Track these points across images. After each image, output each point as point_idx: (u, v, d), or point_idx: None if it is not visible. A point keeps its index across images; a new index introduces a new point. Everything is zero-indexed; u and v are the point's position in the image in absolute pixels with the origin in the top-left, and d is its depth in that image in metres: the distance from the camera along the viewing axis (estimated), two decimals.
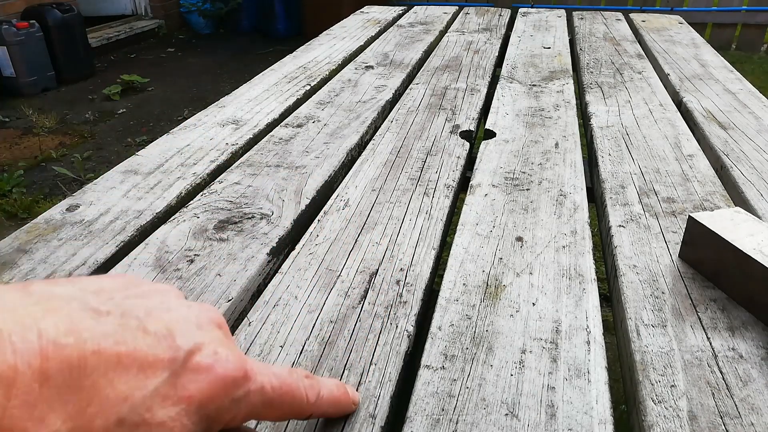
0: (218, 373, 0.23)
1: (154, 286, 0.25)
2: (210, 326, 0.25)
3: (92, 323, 0.21)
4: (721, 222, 0.44)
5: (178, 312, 0.24)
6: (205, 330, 0.24)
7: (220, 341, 0.24)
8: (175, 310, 0.24)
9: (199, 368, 0.22)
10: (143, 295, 0.24)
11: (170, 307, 0.24)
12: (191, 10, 4.57)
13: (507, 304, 0.43)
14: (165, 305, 0.24)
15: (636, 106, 0.85)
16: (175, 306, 0.24)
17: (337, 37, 1.28)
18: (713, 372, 0.37)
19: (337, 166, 0.66)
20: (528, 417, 0.33)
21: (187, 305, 0.25)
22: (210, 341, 0.23)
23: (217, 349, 0.23)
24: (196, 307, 0.25)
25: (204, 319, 0.25)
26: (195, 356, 0.22)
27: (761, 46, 4.02)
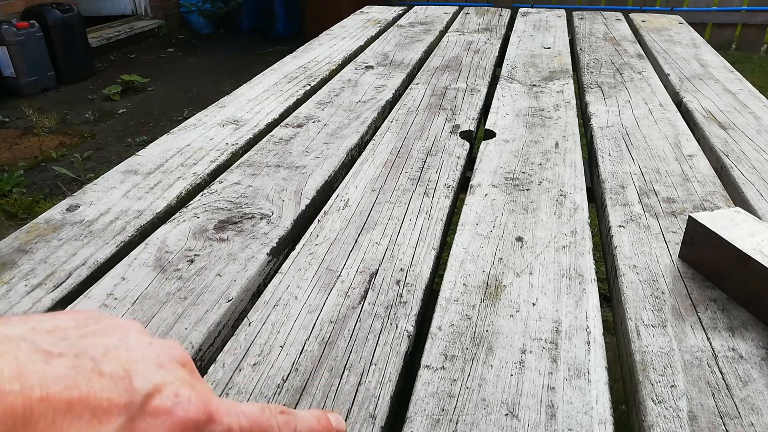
0: (179, 417, 0.21)
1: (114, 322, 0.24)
2: (172, 365, 0.23)
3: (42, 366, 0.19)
4: (721, 222, 0.44)
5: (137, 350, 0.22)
6: (166, 369, 0.22)
7: (182, 381, 0.22)
8: (134, 348, 0.22)
9: (158, 412, 0.21)
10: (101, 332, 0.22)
11: (130, 345, 0.22)
12: (191, 10, 4.57)
13: (507, 304, 0.43)
14: (124, 343, 0.22)
15: (636, 106, 0.85)
16: (135, 344, 0.23)
17: (337, 37, 1.28)
18: (713, 372, 0.37)
19: (337, 166, 0.66)
20: (528, 417, 0.33)
21: (148, 342, 0.23)
22: (171, 382, 0.22)
23: (179, 391, 0.22)
24: (159, 344, 0.24)
25: (166, 357, 0.23)
26: (154, 399, 0.21)
27: (761, 46, 4.02)
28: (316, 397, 0.35)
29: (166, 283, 0.45)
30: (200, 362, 0.39)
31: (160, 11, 4.56)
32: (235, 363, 0.37)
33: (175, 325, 0.41)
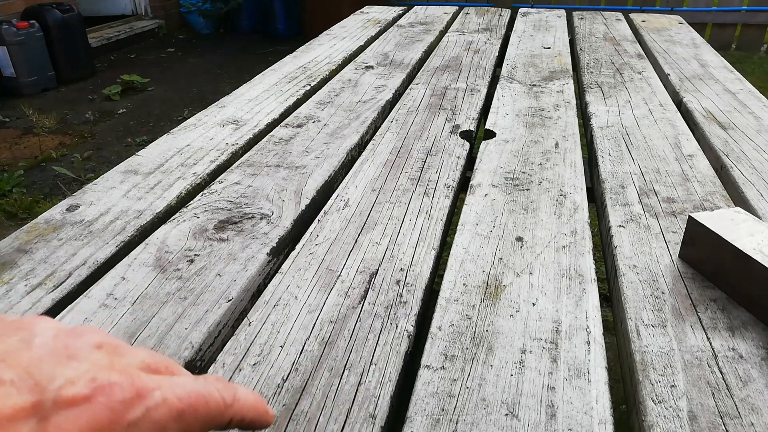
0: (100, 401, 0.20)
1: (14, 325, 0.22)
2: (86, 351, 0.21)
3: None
4: (721, 222, 0.44)
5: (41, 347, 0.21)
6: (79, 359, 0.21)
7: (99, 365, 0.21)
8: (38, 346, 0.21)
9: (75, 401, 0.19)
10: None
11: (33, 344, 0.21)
12: (191, 10, 4.57)
13: (507, 304, 0.43)
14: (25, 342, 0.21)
15: (636, 106, 0.85)
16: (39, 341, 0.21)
17: (337, 37, 1.28)
18: (713, 372, 0.37)
19: (337, 166, 0.66)
20: (528, 417, 0.33)
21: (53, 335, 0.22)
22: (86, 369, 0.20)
23: (96, 375, 0.20)
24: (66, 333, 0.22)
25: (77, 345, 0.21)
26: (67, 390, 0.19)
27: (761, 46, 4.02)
28: (316, 397, 0.35)
29: (166, 283, 0.45)
30: (200, 362, 0.39)
31: (160, 11, 4.56)
32: (235, 363, 0.37)
33: (175, 325, 0.41)
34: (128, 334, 0.40)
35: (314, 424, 0.33)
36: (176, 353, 0.38)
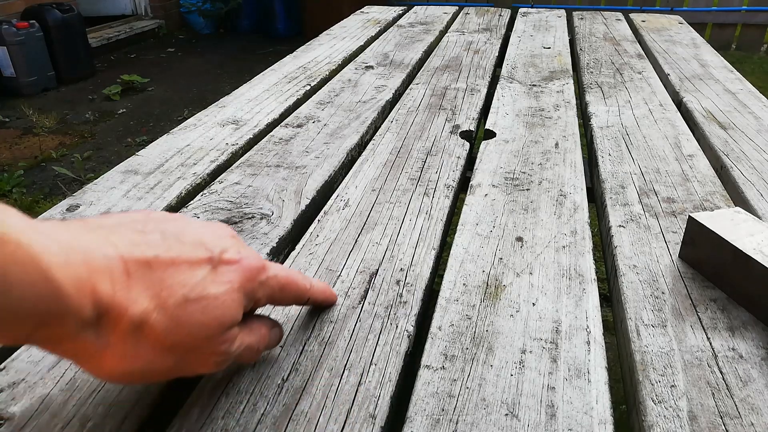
0: (244, 265, 0.31)
1: (171, 216, 0.33)
2: (226, 236, 0.32)
3: (144, 239, 0.29)
4: (721, 222, 0.44)
5: (200, 229, 0.32)
6: (224, 239, 0.32)
7: (238, 245, 0.32)
8: (197, 228, 0.32)
9: (231, 261, 0.31)
10: (167, 221, 0.31)
11: (193, 227, 0.32)
12: (191, 10, 4.57)
13: (507, 304, 0.43)
14: (188, 226, 0.32)
15: (636, 106, 0.85)
16: (194, 226, 0.32)
17: (337, 37, 1.28)
18: (713, 372, 0.37)
19: (337, 166, 0.66)
20: (528, 417, 0.33)
21: (203, 224, 0.33)
22: (232, 245, 0.32)
23: (239, 250, 0.32)
24: (210, 225, 0.33)
25: (221, 233, 0.32)
26: (225, 254, 0.31)
27: (761, 46, 4.02)
28: (316, 397, 0.35)
29: None
30: None
31: (160, 11, 4.56)
32: (236, 363, 0.37)
33: None
34: None
35: (314, 424, 0.33)
36: None
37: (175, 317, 0.28)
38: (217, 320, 0.29)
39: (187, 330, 0.28)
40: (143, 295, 0.27)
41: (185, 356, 0.29)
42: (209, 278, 0.29)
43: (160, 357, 0.28)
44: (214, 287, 0.29)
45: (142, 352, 0.28)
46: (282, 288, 0.34)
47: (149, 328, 0.27)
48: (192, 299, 0.28)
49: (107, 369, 0.28)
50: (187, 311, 0.28)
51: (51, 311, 0.24)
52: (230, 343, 0.31)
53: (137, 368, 0.28)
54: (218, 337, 0.30)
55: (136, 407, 0.34)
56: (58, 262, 0.24)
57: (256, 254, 0.33)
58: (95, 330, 0.26)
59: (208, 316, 0.29)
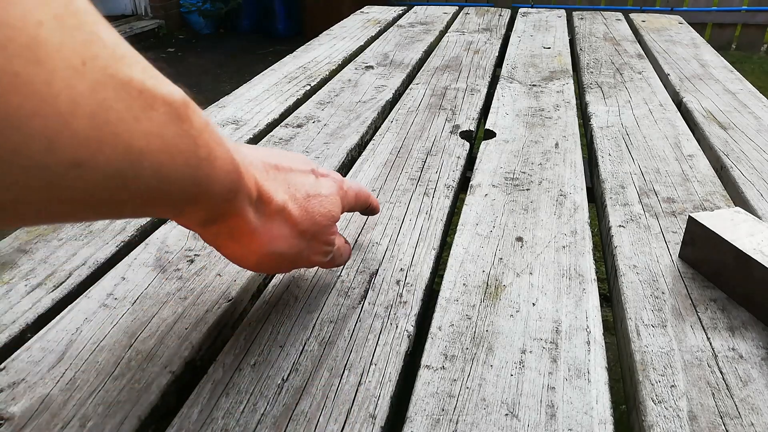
0: (333, 178, 0.40)
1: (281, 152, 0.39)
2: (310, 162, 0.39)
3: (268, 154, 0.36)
4: (721, 222, 0.44)
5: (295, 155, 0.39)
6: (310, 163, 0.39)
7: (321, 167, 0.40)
8: (293, 154, 0.38)
9: (325, 175, 0.39)
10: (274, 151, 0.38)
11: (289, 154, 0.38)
12: (191, 10, 4.57)
13: (507, 304, 0.43)
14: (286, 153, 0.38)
15: (636, 106, 0.85)
16: (291, 153, 0.38)
17: (337, 37, 1.28)
18: (713, 372, 0.37)
19: (337, 166, 0.66)
20: (528, 417, 0.33)
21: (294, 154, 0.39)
22: (316, 167, 0.39)
23: (329, 171, 0.41)
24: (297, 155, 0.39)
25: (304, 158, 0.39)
26: (319, 170, 0.39)
27: (761, 46, 4.02)
28: (316, 397, 0.35)
29: (166, 283, 0.45)
30: (200, 361, 0.39)
31: (160, 11, 4.56)
32: (236, 363, 0.37)
33: (175, 324, 0.41)
34: (128, 334, 0.40)
35: (314, 424, 0.33)
36: (176, 353, 0.38)
37: (303, 207, 0.35)
38: (330, 213, 0.37)
39: (312, 218, 0.36)
40: (280, 189, 0.34)
41: (310, 242, 0.37)
42: (317, 183, 0.37)
43: (295, 240, 0.35)
44: (324, 189, 0.37)
45: (284, 233, 0.34)
46: (356, 196, 0.43)
47: (288, 213, 0.34)
48: (312, 195, 0.36)
49: (255, 248, 0.34)
50: (311, 203, 0.36)
51: (233, 185, 0.29)
52: (335, 235, 0.40)
53: (279, 249, 0.34)
54: (329, 227, 0.38)
55: (136, 407, 0.34)
56: (234, 149, 0.29)
57: (336, 172, 0.42)
58: (255, 208, 0.32)
59: (324, 208, 0.37)
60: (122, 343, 0.39)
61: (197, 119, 0.26)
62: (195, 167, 0.26)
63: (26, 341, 0.39)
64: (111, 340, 0.39)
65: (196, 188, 0.27)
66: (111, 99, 0.20)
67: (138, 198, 0.24)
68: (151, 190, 0.24)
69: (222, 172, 0.28)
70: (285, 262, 0.37)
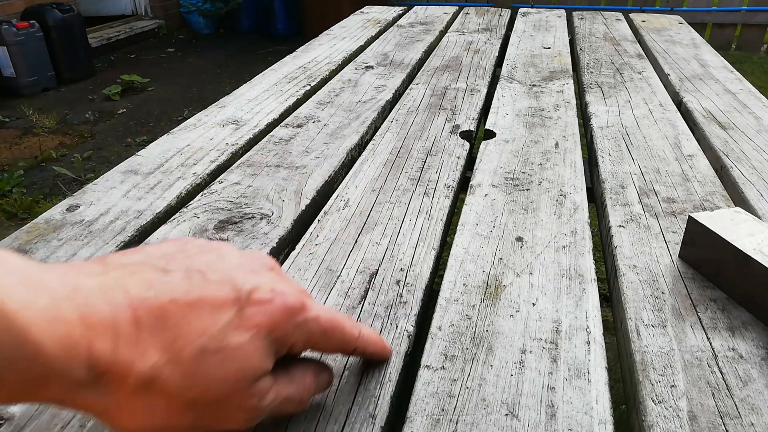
0: (277, 304, 0.28)
1: (208, 245, 0.30)
2: (263, 270, 0.29)
3: (164, 280, 0.26)
4: (721, 222, 0.44)
5: (232, 262, 0.29)
6: (259, 274, 0.29)
7: (275, 281, 0.29)
8: (229, 261, 0.29)
9: (261, 302, 0.27)
10: (201, 253, 0.29)
11: (225, 259, 0.29)
12: (191, 10, 4.57)
13: (507, 304, 0.43)
14: (221, 259, 0.29)
15: (636, 106, 0.85)
16: (229, 258, 0.29)
17: (337, 37, 1.28)
18: (713, 372, 0.37)
19: (337, 166, 0.66)
20: (528, 417, 0.33)
21: (238, 255, 0.30)
22: (266, 282, 0.28)
23: (274, 287, 0.28)
24: (247, 255, 0.30)
25: (256, 265, 0.30)
26: (255, 294, 0.27)
27: (761, 46, 4.02)
28: (315, 397, 0.35)
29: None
30: None
31: (160, 11, 4.56)
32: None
33: None
34: None
35: (314, 424, 0.33)
36: None
37: (190, 371, 0.25)
38: (239, 373, 0.26)
39: (205, 385, 0.26)
40: (153, 348, 0.25)
41: (207, 412, 0.27)
42: (233, 323, 0.26)
43: (177, 414, 0.26)
44: (236, 335, 0.26)
45: (156, 410, 0.25)
46: (324, 333, 0.30)
47: (161, 384, 0.25)
48: (210, 351, 0.26)
49: (125, 425, 0.26)
50: (204, 364, 0.25)
51: (33, 373, 0.22)
52: (260, 397, 0.28)
53: (154, 425, 0.26)
54: (244, 390, 0.27)
55: None
56: (43, 319, 0.22)
57: (298, 291, 0.29)
58: (95, 389, 0.24)
59: (228, 369, 0.26)
60: None
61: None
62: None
63: None
64: None
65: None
66: None
67: None
68: None
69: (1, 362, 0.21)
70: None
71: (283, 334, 0.28)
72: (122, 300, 0.24)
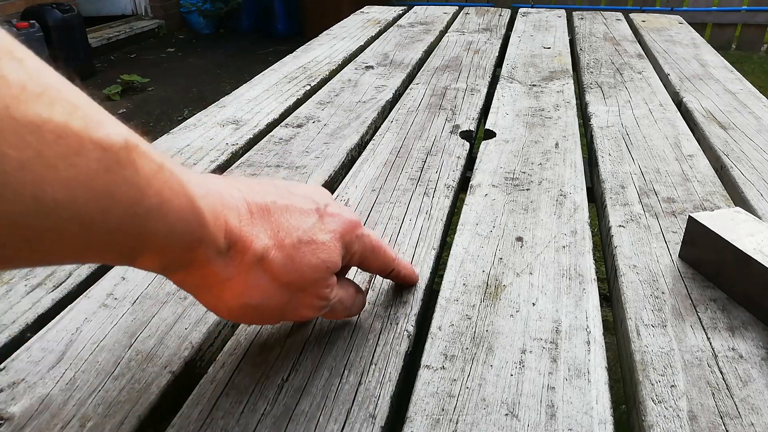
0: (344, 218, 0.35)
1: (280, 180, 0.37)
2: (327, 196, 0.36)
3: (263, 189, 0.32)
4: (721, 222, 0.44)
5: (305, 189, 0.35)
6: (326, 198, 0.35)
7: (339, 204, 0.36)
8: (303, 188, 0.35)
9: (333, 214, 0.34)
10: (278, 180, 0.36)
11: (299, 187, 0.35)
12: (191, 10, 4.57)
13: (507, 304, 0.43)
14: (297, 185, 0.35)
15: (636, 106, 0.85)
16: (301, 187, 0.35)
17: (337, 37, 1.28)
18: (713, 372, 0.37)
19: (337, 166, 0.66)
20: (528, 417, 0.33)
21: (306, 186, 0.36)
22: (331, 202, 0.35)
23: (340, 206, 0.36)
24: (316, 186, 0.37)
25: (321, 192, 0.36)
26: (329, 208, 0.34)
27: (761, 46, 4.02)
28: (316, 397, 0.35)
29: (166, 283, 0.45)
30: (200, 362, 0.39)
31: (160, 11, 4.56)
32: (235, 363, 0.37)
33: (175, 324, 0.41)
34: (128, 334, 0.40)
35: (314, 424, 0.33)
36: (176, 353, 0.38)
37: (290, 256, 0.31)
38: (324, 263, 0.32)
39: (300, 269, 0.31)
40: (264, 233, 0.30)
41: (296, 295, 0.32)
42: (318, 226, 0.33)
43: (276, 292, 0.31)
44: (322, 234, 0.32)
45: (261, 285, 0.30)
46: (373, 249, 0.37)
47: (269, 263, 0.30)
48: (304, 242, 0.31)
49: (227, 300, 0.30)
50: (300, 252, 0.31)
51: (194, 235, 0.27)
52: (331, 288, 0.34)
53: (255, 301, 0.31)
54: (323, 280, 0.33)
55: (136, 407, 0.34)
56: (200, 194, 0.27)
57: (353, 212, 0.36)
58: (225, 259, 0.29)
59: (317, 258, 0.32)
60: (122, 343, 0.39)
61: (146, 164, 0.23)
62: (141, 217, 0.23)
63: (26, 341, 0.39)
64: (111, 340, 0.39)
65: (144, 239, 0.24)
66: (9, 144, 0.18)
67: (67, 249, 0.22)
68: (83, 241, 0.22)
69: (179, 221, 0.25)
70: (264, 315, 0.33)
71: (349, 241, 0.34)
72: (239, 195, 0.30)
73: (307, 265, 0.31)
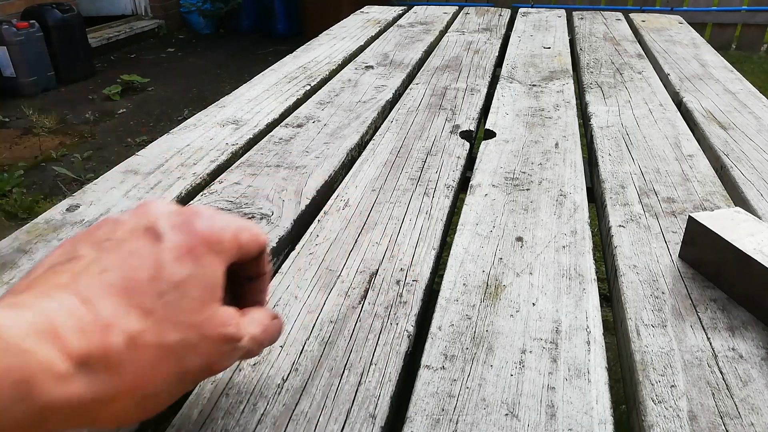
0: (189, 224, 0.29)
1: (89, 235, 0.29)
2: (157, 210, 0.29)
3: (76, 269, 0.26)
4: (721, 222, 0.44)
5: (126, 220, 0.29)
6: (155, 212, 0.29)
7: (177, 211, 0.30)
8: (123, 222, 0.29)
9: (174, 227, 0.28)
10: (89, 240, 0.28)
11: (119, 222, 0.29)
12: (191, 10, 4.57)
13: (507, 304, 0.43)
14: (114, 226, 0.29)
15: (636, 106, 0.85)
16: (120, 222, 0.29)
17: (337, 37, 1.28)
18: (713, 372, 0.37)
19: (337, 166, 0.66)
20: (528, 417, 0.33)
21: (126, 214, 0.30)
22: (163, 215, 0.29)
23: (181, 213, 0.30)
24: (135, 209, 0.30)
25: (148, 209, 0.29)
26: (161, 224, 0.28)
27: (761, 46, 4.02)
28: (316, 397, 0.35)
29: None
30: None
31: (160, 11, 4.56)
32: (235, 363, 0.37)
33: None
34: None
35: (314, 424, 0.33)
36: None
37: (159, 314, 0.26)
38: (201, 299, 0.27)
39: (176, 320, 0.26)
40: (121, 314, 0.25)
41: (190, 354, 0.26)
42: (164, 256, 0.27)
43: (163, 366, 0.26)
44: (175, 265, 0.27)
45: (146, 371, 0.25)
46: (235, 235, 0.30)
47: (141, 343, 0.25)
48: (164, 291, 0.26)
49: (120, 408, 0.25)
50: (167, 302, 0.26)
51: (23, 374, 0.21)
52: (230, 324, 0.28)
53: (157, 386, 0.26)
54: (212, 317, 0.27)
55: None
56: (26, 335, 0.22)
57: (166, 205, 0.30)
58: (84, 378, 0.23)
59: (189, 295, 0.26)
60: None
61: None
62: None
63: None
64: None
65: None
66: None
67: None
68: None
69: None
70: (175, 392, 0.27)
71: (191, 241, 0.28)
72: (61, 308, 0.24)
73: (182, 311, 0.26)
